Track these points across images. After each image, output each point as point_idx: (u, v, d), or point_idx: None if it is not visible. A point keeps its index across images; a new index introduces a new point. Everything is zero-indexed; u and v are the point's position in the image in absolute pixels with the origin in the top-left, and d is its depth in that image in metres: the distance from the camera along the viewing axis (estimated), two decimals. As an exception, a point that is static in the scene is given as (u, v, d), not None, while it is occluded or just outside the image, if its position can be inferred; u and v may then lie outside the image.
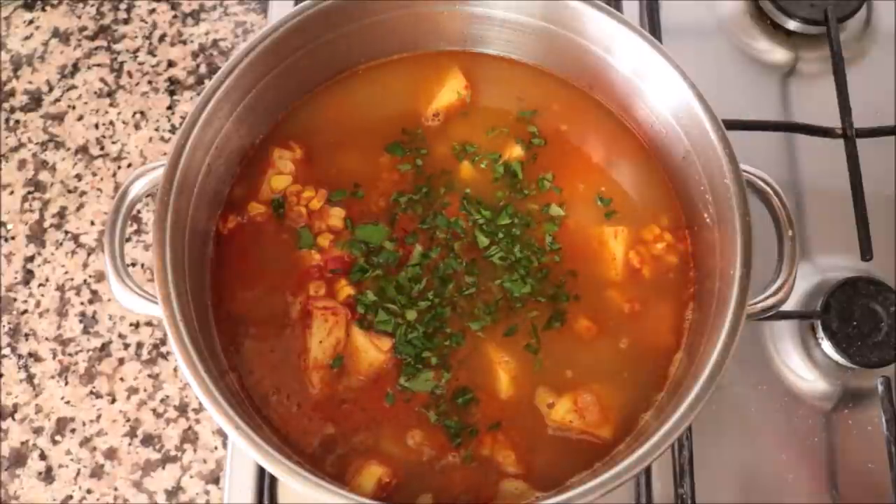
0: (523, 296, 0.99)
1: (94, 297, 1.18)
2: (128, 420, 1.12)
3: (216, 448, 1.11)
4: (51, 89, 1.30)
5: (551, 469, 0.93)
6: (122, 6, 1.35)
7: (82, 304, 1.18)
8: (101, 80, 1.31)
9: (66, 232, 1.22)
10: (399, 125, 1.07)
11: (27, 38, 1.33)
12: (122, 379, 1.14)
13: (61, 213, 1.23)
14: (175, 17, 1.35)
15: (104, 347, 1.16)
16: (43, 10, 1.35)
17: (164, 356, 1.15)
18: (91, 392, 1.14)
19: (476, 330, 0.98)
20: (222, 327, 0.98)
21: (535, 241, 1.02)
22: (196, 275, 0.96)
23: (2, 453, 1.11)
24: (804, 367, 1.13)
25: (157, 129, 1.28)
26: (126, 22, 1.34)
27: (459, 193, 1.04)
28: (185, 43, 1.33)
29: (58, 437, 1.12)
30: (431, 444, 0.94)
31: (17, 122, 1.28)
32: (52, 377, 1.14)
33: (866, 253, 1.10)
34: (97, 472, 1.10)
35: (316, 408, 0.95)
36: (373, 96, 1.10)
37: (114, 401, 1.13)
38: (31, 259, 1.20)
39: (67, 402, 1.13)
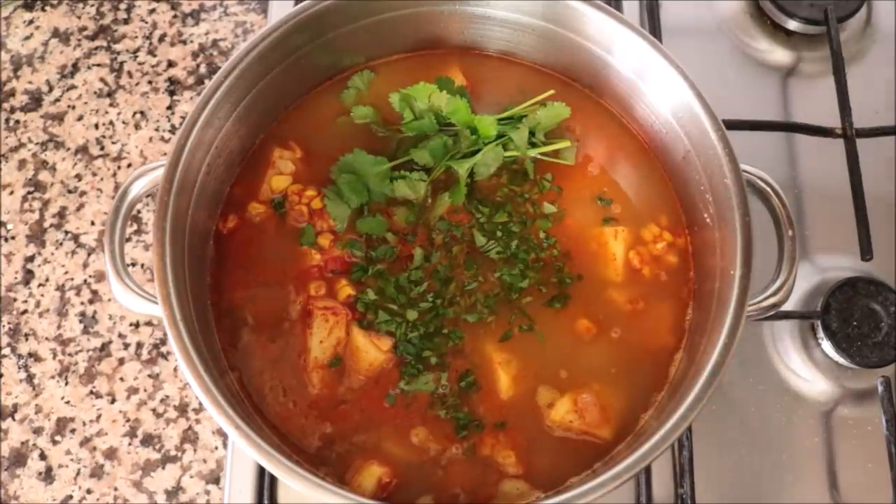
0: (522, 288, 0.99)
1: (94, 297, 1.18)
2: (128, 420, 1.12)
3: (216, 448, 1.11)
4: (51, 89, 1.30)
5: (551, 469, 0.94)
6: (122, 6, 1.35)
7: (82, 304, 1.18)
8: (101, 80, 1.31)
9: (66, 232, 1.22)
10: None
11: (27, 38, 1.33)
12: (122, 379, 1.14)
13: (61, 213, 1.23)
14: (175, 17, 1.35)
15: (104, 347, 1.16)
16: (43, 10, 1.35)
17: (164, 356, 1.15)
18: (91, 392, 1.14)
19: (473, 322, 0.98)
20: (222, 327, 0.98)
21: (532, 237, 1.02)
22: (196, 275, 0.96)
23: (2, 453, 1.11)
24: (804, 367, 1.13)
25: (157, 129, 1.28)
26: (126, 22, 1.34)
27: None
28: (185, 43, 1.33)
29: (58, 437, 1.12)
30: (436, 438, 0.94)
31: (17, 122, 1.28)
32: (52, 377, 1.14)
33: (866, 253, 1.10)
34: (97, 472, 1.10)
35: (316, 408, 0.95)
36: (373, 96, 1.10)
37: (114, 401, 1.13)
38: (31, 259, 1.20)
39: (67, 402, 1.13)
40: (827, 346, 1.11)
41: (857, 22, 1.32)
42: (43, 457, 1.11)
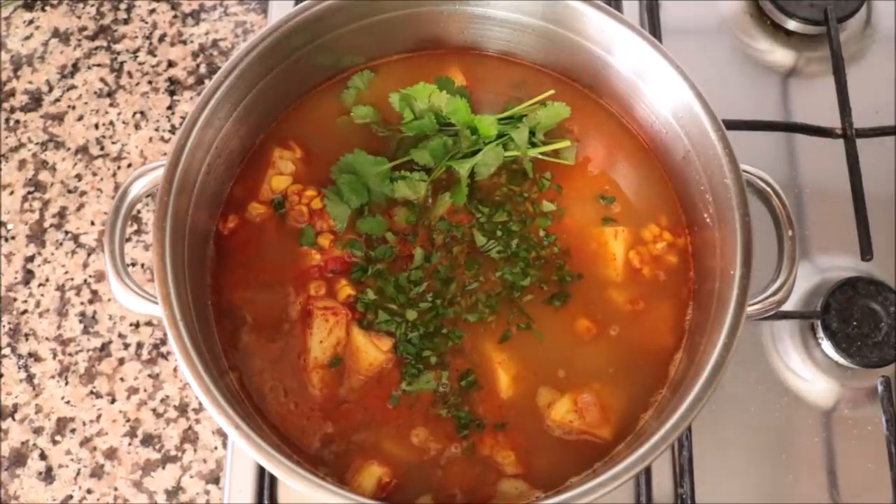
0: (523, 286, 0.99)
1: (94, 297, 1.18)
2: (128, 420, 1.12)
3: (216, 448, 1.11)
4: (51, 89, 1.30)
5: (551, 469, 0.94)
6: (122, 6, 1.35)
7: (82, 304, 1.18)
8: (101, 80, 1.31)
9: (66, 232, 1.22)
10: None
11: (27, 38, 1.33)
12: (122, 379, 1.14)
13: (61, 213, 1.23)
14: (175, 17, 1.35)
15: (104, 347, 1.16)
16: (43, 10, 1.35)
17: (164, 356, 1.15)
18: (91, 392, 1.14)
19: (474, 321, 0.98)
20: (222, 327, 0.98)
21: (532, 236, 1.03)
22: (196, 275, 0.96)
23: (2, 453, 1.11)
24: (804, 367, 1.13)
25: (157, 129, 1.28)
26: (126, 22, 1.34)
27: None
28: (185, 43, 1.33)
29: (58, 437, 1.12)
30: (436, 438, 0.94)
31: (17, 122, 1.28)
32: (52, 377, 1.14)
33: (866, 253, 1.10)
34: (97, 472, 1.10)
35: (316, 407, 0.95)
36: (373, 96, 1.10)
37: (114, 401, 1.13)
38: (31, 259, 1.20)
39: (67, 402, 1.13)
40: (827, 346, 1.11)
41: (857, 22, 1.32)
42: (43, 457, 1.11)
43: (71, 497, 1.09)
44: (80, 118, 1.28)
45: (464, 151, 1.03)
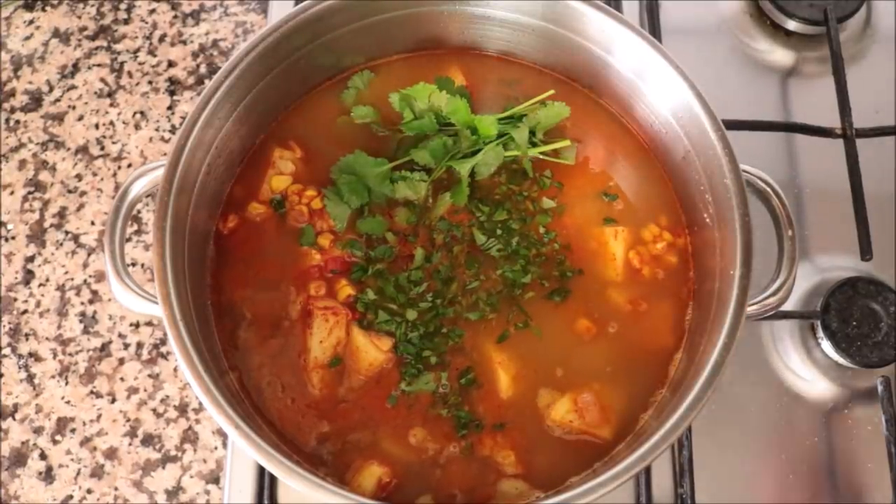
0: (524, 283, 0.99)
1: (94, 297, 1.18)
2: (128, 420, 1.12)
3: (216, 448, 1.11)
4: (51, 89, 1.30)
5: (551, 469, 0.94)
6: (122, 6, 1.35)
7: (82, 304, 1.18)
8: (102, 80, 1.31)
9: (67, 232, 1.22)
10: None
11: (27, 38, 1.33)
12: (122, 379, 1.14)
13: (61, 213, 1.23)
14: (175, 17, 1.35)
15: (104, 347, 1.16)
16: (43, 10, 1.35)
17: (164, 356, 1.15)
18: (91, 392, 1.14)
19: (474, 320, 0.98)
20: (222, 327, 0.98)
21: (532, 233, 1.03)
22: (196, 275, 0.96)
23: (2, 453, 1.11)
24: (804, 367, 1.13)
25: (157, 129, 1.28)
26: (126, 22, 1.34)
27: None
28: (185, 43, 1.33)
29: (58, 437, 1.12)
30: (434, 437, 0.94)
31: (18, 122, 1.28)
32: (53, 377, 1.14)
33: (866, 253, 1.10)
34: (97, 472, 1.10)
35: (316, 407, 0.95)
36: (373, 96, 1.10)
37: (114, 401, 1.13)
38: (31, 259, 1.20)
39: (67, 402, 1.13)
40: (827, 345, 1.11)
41: (856, 22, 1.32)
42: (43, 457, 1.11)
43: (71, 497, 1.09)
44: (81, 118, 1.28)
45: (464, 151, 1.03)
